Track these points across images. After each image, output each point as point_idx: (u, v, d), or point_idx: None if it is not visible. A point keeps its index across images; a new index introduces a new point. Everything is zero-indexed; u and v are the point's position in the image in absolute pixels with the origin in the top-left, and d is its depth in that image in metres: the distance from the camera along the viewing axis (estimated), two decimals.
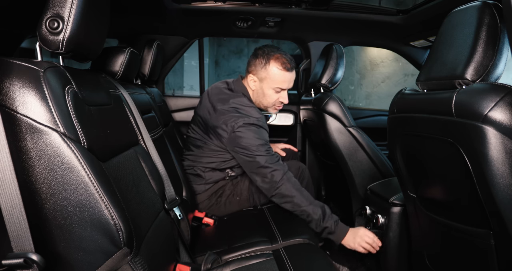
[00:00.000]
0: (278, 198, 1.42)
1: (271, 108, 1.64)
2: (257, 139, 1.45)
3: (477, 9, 0.82)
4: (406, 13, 1.97)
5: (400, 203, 1.32)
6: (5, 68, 0.66)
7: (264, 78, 1.56)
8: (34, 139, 0.65)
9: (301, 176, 1.69)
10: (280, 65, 1.52)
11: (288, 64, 1.53)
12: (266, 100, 1.60)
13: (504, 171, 0.74)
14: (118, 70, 1.26)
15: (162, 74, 2.39)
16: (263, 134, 1.50)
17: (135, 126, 1.12)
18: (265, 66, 1.54)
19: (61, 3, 0.73)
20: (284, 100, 1.60)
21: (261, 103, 1.63)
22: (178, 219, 1.21)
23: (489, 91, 0.75)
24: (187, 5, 1.90)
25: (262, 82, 1.57)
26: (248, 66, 1.62)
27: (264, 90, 1.58)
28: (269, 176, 1.41)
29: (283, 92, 1.59)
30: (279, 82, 1.55)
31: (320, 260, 1.16)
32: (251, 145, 1.44)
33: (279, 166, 1.43)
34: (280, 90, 1.57)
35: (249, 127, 1.47)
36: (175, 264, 1.11)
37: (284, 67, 1.52)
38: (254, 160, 1.43)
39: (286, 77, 1.55)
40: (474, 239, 0.89)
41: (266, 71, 1.54)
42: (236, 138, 1.46)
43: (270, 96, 1.58)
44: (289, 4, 1.95)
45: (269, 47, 1.58)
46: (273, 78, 1.54)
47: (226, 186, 1.70)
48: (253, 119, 1.48)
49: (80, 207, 0.68)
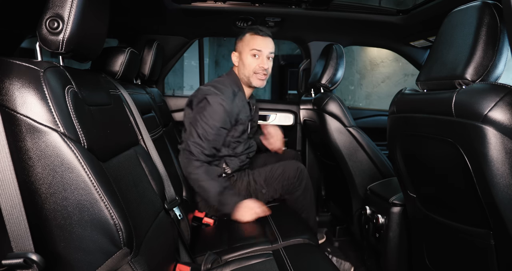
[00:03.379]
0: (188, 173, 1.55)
1: (253, 78, 1.67)
2: (204, 113, 1.55)
3: (477, 9, 0.82)
4: (406, 13, 1.97)
5: (400, 203, 1.32)
6: (5, 68, 0.66)
7: (242, 48, 1.67)
8: (34, 139, 0.65)
9: (299, 177, 1.69)
10: (253, 32, 1.65)
11: (260, 31, 1.64)
12: (247, 69, 1.66)
13: (504, 171, 0.74)
14: (118, 70, 1.26)
15: (162, 74, 2.39)
16: (219, 115, 1.55)
17: (135, 126, 1.12)
18: (241, 38, 1.68)
19: (61, 3, 0.73)
20: (263, 65, 1.64)
21: (244, 76, 1.68)
22: (178, 219, 1.21)
23: (489, 91, 0.75)
24: (187, 5, 1.90)
25: (241, 53, 1.68)
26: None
27: (244, 60, 1.66)
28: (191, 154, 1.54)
29: (262, 58, 1.65)
30: (253, 44, 1.63)
31: (320, 260, 1.16)
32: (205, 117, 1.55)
33: (201, 149, 1.54)
34: (256, 53, 1.64)
35: (212, 98, 1.56)
36: (175, 264, 1.11)
37: (255, 32, 1.64)
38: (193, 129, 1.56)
39: (259, 40, 1.64)
40: (474, 239, 0.89)
41: (241, 42, 1.68)
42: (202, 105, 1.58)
43: (250, 64, 1.65)
44: (289, 4, 1.95)
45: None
46: (247, 43, 1.65)
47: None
48: (220, 97, 1.56)
49: (80, 207, 0.68)
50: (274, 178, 1.69)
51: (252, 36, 1.65)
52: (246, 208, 1.51)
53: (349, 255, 1.88)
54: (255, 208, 1.51)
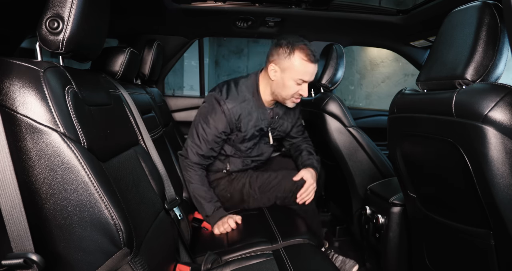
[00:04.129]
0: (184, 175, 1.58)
1: (289, 101, 1.57)
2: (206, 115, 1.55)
3: (477, 9, 0.82)
4: (406, 13, 1.97)
5: (400, 203, 1.32)
6: (5, 68, 0.66)
7: (286, 68, 1.49)
8: (34, 139, 0.65)
9: (296, 192, 1.60)
10: (305, 56, 1.46)
11: (313, 56, 1.47)
12: (286, 92, 1.53)
13: (504, 171, 0.74)
14: (118, 70, 1.26)
15: (162, 74, 2.39)
16: (216, 117, 1.53)
17: (135, 126, 1.12)
18: (289, 56, 1.47)
19: (61, 3, 0.73)
20: (304, 93, 1.53)
21: (279, 95, 1.56)
22: (178, 219, 1.21)
23: (489, 91, 0.75)
24: (187, 5, 1.90)
25: (284, 72, 1.51)
26: (269, 55, 1.54)
27: (285, 81, 1.51)
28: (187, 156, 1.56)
29: (304, 85, 1.52)
30: (302, 74, 1.48)
31: (320, 260, 1.16)
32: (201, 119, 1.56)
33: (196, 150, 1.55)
34: (301, 83, 1.51)
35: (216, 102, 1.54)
36: (175, 264, 1.11)
37: (309, 59, 1.46)
38: (192, 132, 1.58)
39: (310, 69, 1.49)
40: (474, 239, 0.89)
41: (289, 61, 1.48)
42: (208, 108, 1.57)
43: (290, 88, 1.52)
44: (289, 4, 1.95)
45: (293, 37, 1.51)
46: (296, 69, 1.48)
47: (222, 180, 1.70)
48: (222, 102, 1.53)
49: (80, 207, 0.68)
50: (268, 187, 1.63)
51: (304, 63, 1.47)
52: (222, 221, 1.49)
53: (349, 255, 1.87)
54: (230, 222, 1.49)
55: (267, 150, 1.77)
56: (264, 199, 1.66)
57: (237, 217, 1.51)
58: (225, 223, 1.47)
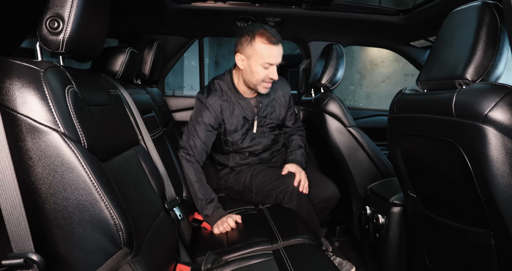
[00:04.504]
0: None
1: (260, 86, 1.61)
2: (195, 114, 1.67)
3: (477, 9, 0.82)
4: (406, 13, 1.97)
5: (400, 203, 1.32)
6: (5, 68, 0.66)
7: (251, 55, 1.55)
8: (34, 138, 0.65)
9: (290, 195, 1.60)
10: (265, 39, 1.51)
11: (273, 38, 1.51)
12: (255, 78, 1.59)
13: (504, 171, 0.74)
14: (118, 70, 1.25)
15: (162, 74, 2.39)
16: (205, 114, 1.64)
17: (135, 126, 1.12)
18: (250, 43, 1.53)
19: (61, 3, 0.73)
20: (273, 76, 1.58)
21: (250, 82, 1.62)
22: (178, 219, 1.21)
23: (489, 91, 0.75)
24: (187, 5, 1.90)
25: (249, 59, 1.57)
26: (235, 47, 1.62)
27: (252, 67, 1.57)
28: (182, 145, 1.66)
29: (271, 68, 1.56)
30: (266, 57, 1.53)
31: (320, 260, 1.16)
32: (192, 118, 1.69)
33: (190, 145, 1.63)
34: (268, 66, 1.55)
35: (199, 101, 1.67)
36: (175, 264, 1.11)
37: (270, 41, 1.51)
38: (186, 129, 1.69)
39: (273, 52, 1.53)
40: (474, 239, 0.89)
41: (252, 48, 1.53)
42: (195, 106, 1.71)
43: (259, 73, 1.57)
44: (289, 4, 1.95)
45: (253, 25, 1.58)
46: (260, 54, 1.53)
47: (230, 175, 1.80)
48: (204, 99, 1.66)
49: (80, 207, 0.68)
50: (265, 186, 1.65)
51: (265, 46, 1.52)
52: (221, 221, 1.49)
53: (349, 255, 1.87)
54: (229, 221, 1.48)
55: (262, 141, 1.79)
56: (260, 196, 1.70)
57: (236, 216, 1.51)
58: (224, 222, 1.47)
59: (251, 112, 1.71)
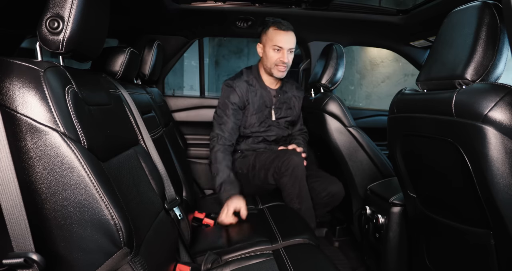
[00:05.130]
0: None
1: (274, 70, 1.83)
2: (222, 98, 1.87)
3: (477, 9, 0.82)
4: (406, 13, 1.97)
5: (400, 203, 1.32)
6: (5, 68, 0.66)
7: (265, 42, 1.83)
8: (34, 138, 0.65)
9: (286, 163, 1.68)
10: (275, 26, 1.78)
11: (282, 25, 1.76)
12: (269, 61, 1.82)
13: (504, 171, 0.74)
14: (118, 70, 1.25)
15: (162, 74, 2.39)
16: (232, 95, 1.84)
17: (135, 126, 1.12)
18: (265, 32, 1.82)
19: (61, 3, 0.73)
20: (283, 58, 1.79)
21: (266, 67, 1.86)
22: (178, 219, 1.21)
23: (489, 91, 0.75)
24: (187, 5, 1.90)
25: (265, 46, 1.83)
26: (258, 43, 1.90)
27: (267, 52, 1.82)
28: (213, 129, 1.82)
29: (282, 52, 1.78)
30: (276, 41, 1.77)
31: (320, 260, 1.16)
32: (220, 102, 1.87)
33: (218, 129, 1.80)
34: (278, 49, 1.78)
35: (226, 86, 1.88)
36: (175, 264, 1.11)
37: (279, 27, 1.77)
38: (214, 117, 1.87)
39: (282, 37, 1.77)
40: (474, 239, 0.89)
41: (266, 35, 1.81)
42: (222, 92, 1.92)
43: (271, 57, 1.81)
44: (289, 4, 1.95)
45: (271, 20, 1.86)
46: (270, 38, 1.79)
47: (236, 160, 1.91)
48: (231, 82, 1.87)
49: (80, 206, 0.68)
50: (268, 159, 1.78)
51: (275, 31, 1.77)
52: (231, 204, 1.55)
53: (349, 255, 1.87)
54: (239, 206, 1.55)
55: (277, 130, 1.97)
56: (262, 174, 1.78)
57: (244, 210, 1.55)
58: (230, 216, 1.53)
59: (270, 100, 1.92)
